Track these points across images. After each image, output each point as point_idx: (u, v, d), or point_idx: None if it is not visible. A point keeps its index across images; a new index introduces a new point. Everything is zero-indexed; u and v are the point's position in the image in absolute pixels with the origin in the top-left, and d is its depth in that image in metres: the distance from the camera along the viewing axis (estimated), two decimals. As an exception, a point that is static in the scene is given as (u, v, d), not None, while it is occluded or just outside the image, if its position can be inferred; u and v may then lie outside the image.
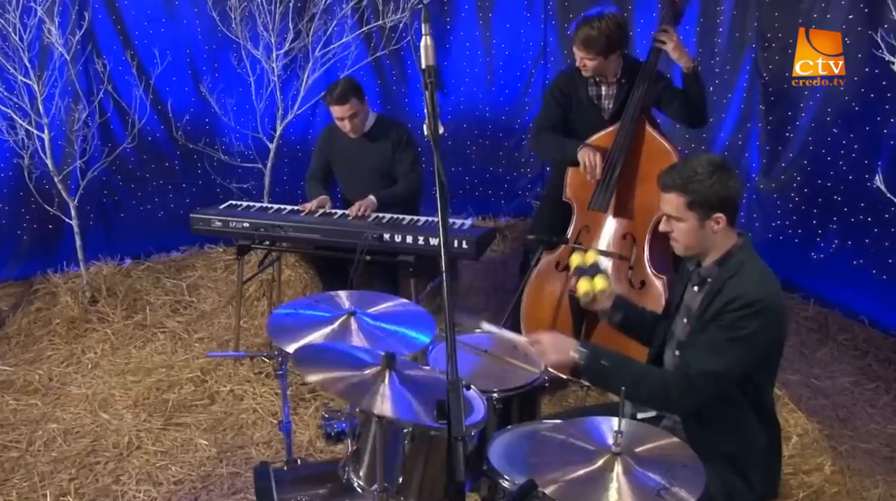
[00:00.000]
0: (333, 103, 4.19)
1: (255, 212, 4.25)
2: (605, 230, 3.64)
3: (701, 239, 2.45)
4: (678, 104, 3.77)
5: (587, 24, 3.65)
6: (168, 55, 5.14)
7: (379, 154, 4.36)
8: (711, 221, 2.40)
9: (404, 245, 3.83)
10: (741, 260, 2.41)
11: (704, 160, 2.42)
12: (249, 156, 5.28)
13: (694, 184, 2.37)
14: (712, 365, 2.32)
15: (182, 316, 4.89)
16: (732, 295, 2.32)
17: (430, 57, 1.90)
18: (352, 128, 4.29)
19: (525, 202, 6.25)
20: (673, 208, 2.44)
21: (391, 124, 4.47)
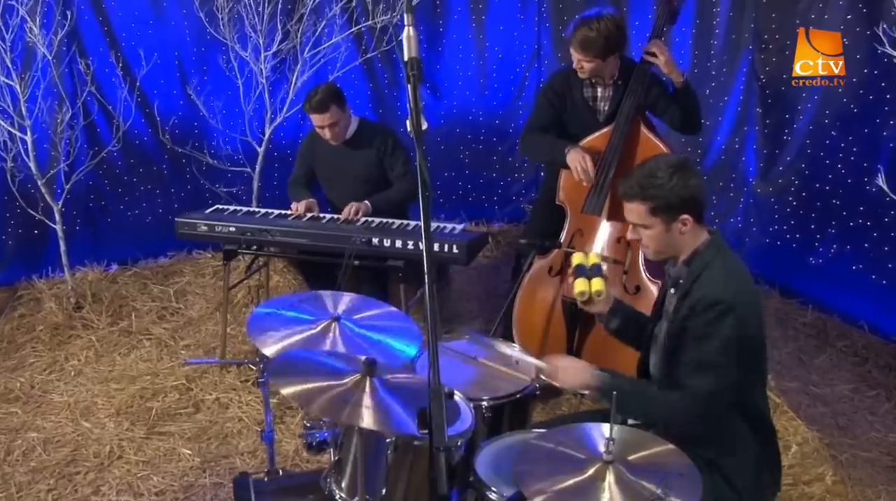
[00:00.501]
0: (312, 111, 4.11)
1: (241, 216, 4.16)
2: (599, 234, 3.56)
3: (670, 242, 2.41)
4: (672, 111, 3.69)
5: (585, 25, 3.56)
6: (156, 57, 5.05)
7: (362, 161, 4.28)
8: (678, 223, 2.36)
9: (393, 250, 3.74)
10: (707, 258, 2.37)
11: (662, 162, 2.37)
12: (238, 159, 5.19)
13: (654, 189, 2.33)
14: (706, 384, 2.27)
15: (168, 322, 4.79)
16: (696, 298, 2.30)
17: (413, 48, 1.82)
18: (332, 136, 4.21)
19: (519, 207, 6.15)
20: (637, 216, 2.40)
21: (374, 130, 4.39)
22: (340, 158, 4.30)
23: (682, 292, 2.37)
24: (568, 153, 3.57)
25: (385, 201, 4.20)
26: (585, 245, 3.57)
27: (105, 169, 5.21)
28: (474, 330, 3.03)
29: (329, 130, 4.16)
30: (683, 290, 2.37)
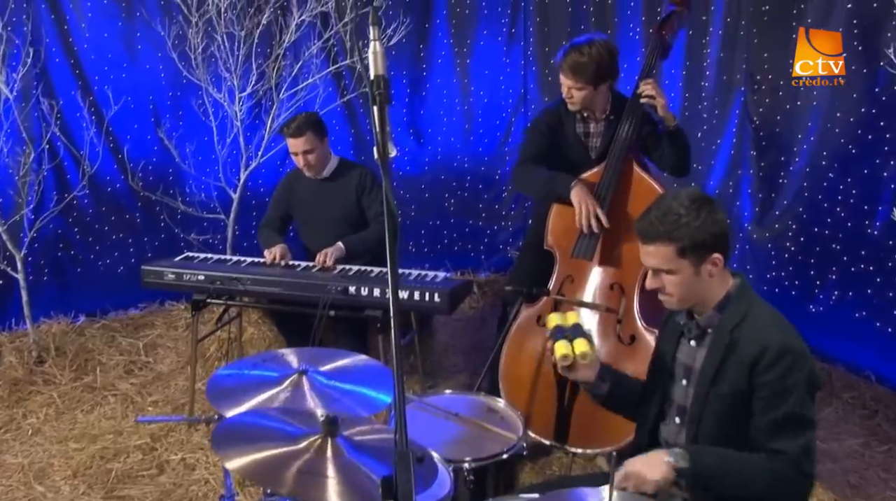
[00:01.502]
0: (288, 135, 3.97)
1: (211, 264, 3.94)
2: (591, 280, 3.33)
3: (698, 288, 2.13)
4: (663, 151, 3.52)
5: (576, 50, 3.39)
6: (129, 100, 4.89)
7: (341, 200, 4.09)
8: (708, 264, 2.09)
9: (371, 299, 3.51)
10: (744, 303, 2.10)
11: (683, 197, 2.10)
12: (212, 206, 4.97)
13: (681, 228, 2.05)
14: (802, 441, 2.01)
15: (136, 377, 4.53)
16: (757, 350, 2.00)
17: (380, 65, 1.62)
18: (306, 165, 4.04)
19: (506, 256, 5.95)
20: (661, 260, 2.11)
21: (353, 167, 4.22)
22: (318, 197, 4.13)
23: (721, 344, 2.11)
24: (574, 188, 3.35)
25: (360, 243, 4.00)
26: (576, 291, 3.35)
27: (75, 216, 5.00)
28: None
29: (303, 158, 4.00)
30: (722, 343, 2.10)
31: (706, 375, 2.13)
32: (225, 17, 4.32)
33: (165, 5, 4.73)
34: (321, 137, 4.03)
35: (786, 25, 4.44)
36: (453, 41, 5.60)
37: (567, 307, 3.30)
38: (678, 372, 2.25)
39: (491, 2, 5.53)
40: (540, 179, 3.51)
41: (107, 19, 4.82)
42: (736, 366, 2.06)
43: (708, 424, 2.13)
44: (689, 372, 2.21)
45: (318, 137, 4.00)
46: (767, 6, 4.52)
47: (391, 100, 1.62)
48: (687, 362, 2.22)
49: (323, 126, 4.07)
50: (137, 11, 4.80)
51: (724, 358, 2.08)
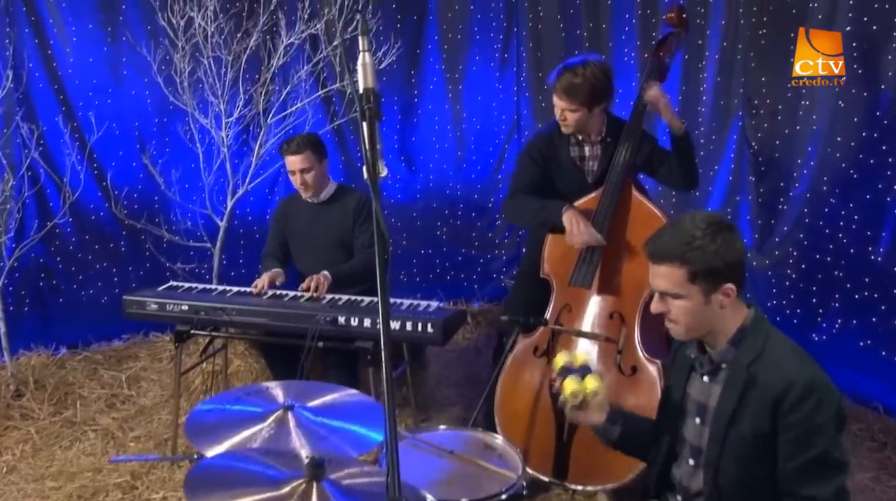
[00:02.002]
0: (288, 152, 3.91)
1: (196, 293, 3.79)
2: (589, 309, 3.21)
3: (707, 317, 1.99)
4: (669, 167, 3.41)
5: (569, 71, 3.29)
6: (114, 126, 4.79)
7: (337, 224, 3.99)
8: (719, 294, 1.96)
9: (362, 329, 3.37)
10: (761, 335, 1.97)
11: (699, 219, 1.98)
12: (198, 235, 4.84)
13: (695, 251, 1.93)
14: (836, 484, 1.89)
15: (118, 411, 4.36)
16: (780, 387, 1.87)
17: (370, 78, 1.51)
18: (302, 184, 3.95)
19: (500, 286, 5.82)
20: (670, 283, 1.98)
21: (352, 192, 4.12)
22: (313, 220, 4.04)
23: (737, 381, 1.98)
24: (565, 213, 3.23)
25: (346, 273, 3.87)
26: (574, 321, 3.22)
27: (57, 245, 4.87)
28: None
29: (300, 176, 3.93)
30: (740, 379, 1.97)
31: (723, 414, 1.99)
32: (212, 40, 4.22)
33: (152, 29, 4.64)
34: (320, 158, 3.97)
35: (783, 50, 4.37)
36: (445, 67, 5.52)
37: (566, 339, 3.17)
38: (690, 410, 2.12)
39: (483, 27, 5.46)
40: (531, 209, 3.40)
41: (92, 44, 4.74)
42: (757, 405, 1.92)
43: (728, 467, 2.00)
44: (703, 410, 2.07)
45: (316, 157, 3.94)
46: (764, 30, 4.45)
47: (381, 116, 1.50)
48: (700, 399, 2.09)
49: (323, 147, 4.02)
50: (123, 36, 4.71)
51: (743, 395, 1.95)
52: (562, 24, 5.32)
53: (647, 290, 3.06)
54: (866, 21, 4.04)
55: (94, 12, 4.70)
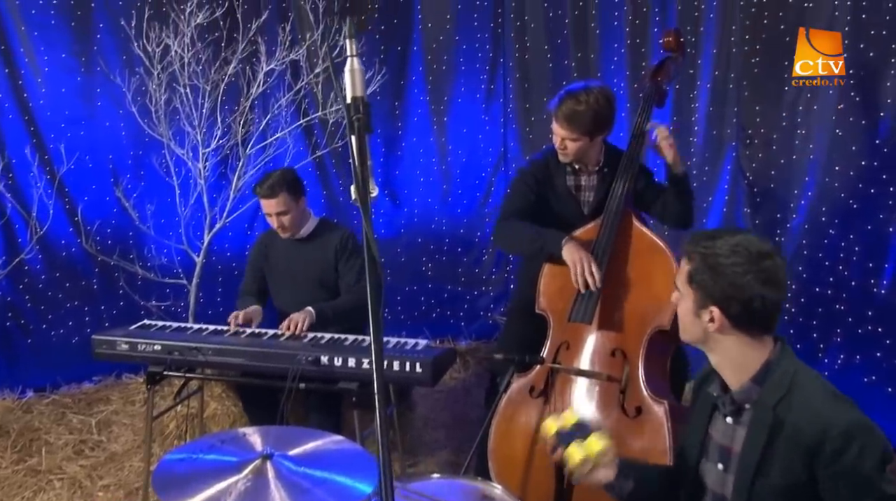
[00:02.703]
0: (261, 195, 3.69)
1: (170, 332, 3.58)
2: (589, 346, 3.01)
3: (696, 332, 1.89)
4: (664, 203, 3.27)
5: (572, 97, 3.12)
6: (87, 158, 4.62)
7: (317, 262, 3.79)
8: (706, 313, 1.83)
9: (346, 369, 3.17)
10: (787, 372, 1.80)
11: (741, 236, 1.84)
12: (174, 271, 4.63)
13: (708, 255, 1.81)
14: None
15: (87, 458, 4.12)
16: (816, 433, 1.69)
17: (358, 85, 1.34)
18: (280, 227, 3.76)
19: (487, 323, 5.63)
20: (679, 277, 1.92)
21: (334, 228, 3.93)
22: (293, 258, 3.83)
23: (762, 425, 1.81)
24: (566, 245, 3.05)
25: (331, 310, 3.67)
26: (573, 359, 3.03)
27: (25, 282, 4.66)
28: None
29: (276, 219, 3.73)
30: (764, 423, 1.80)
31: (748, 462, 1.81)
32: (189, 69, 4.06)
33: (127, 58, 4.47)
34: (297, 197, 3.75)
35: (777, 78, 4.29)
36: (430, 98, 5.39)
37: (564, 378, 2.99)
38: (713, 454, 1.94)
39: (469, 58, 5.34)
40: (526, 235, 3.21)
41: (65, 73, 4.58)
42: (787, 452, 1.74)
43: None
44: (727, 455, 1.89)
45: (293, 198, 3.72)
46: (757, 58, 4.36)
47: (372, 128, 1.33)
48: (723, 443, 1.91)
49: (299, 184, 3.79)
50: (97, 65, 4.55)
51: (770, 441, 1.77)
52: (549, 55, 5.22)
53: (651, 325, 2.89)
54: (863, 48, 3.96)
55: (67, 41, 4.55)
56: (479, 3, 5.28)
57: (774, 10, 4.25)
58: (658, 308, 2.89)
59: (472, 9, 5.28)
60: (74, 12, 4.54)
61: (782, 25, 4.23)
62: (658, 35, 4.73)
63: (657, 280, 2.93)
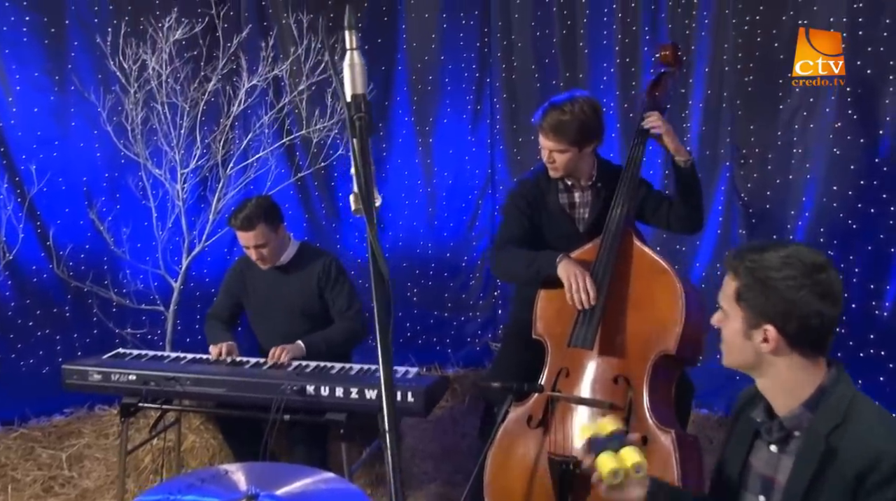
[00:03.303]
0: (237, 228, 3.49)
1: (145, 361, 3.40)
2: (590, 372, 2.86)
3: (746, 355, 1.74)
4: (668, 209, 3.15)
5: (556, 108, 3.00)
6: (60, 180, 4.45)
7: (298, 290, 3.62)
8: (758, 333, 1.68)
9: (333, 400, 3.00)
10: (843, 399, 1.65)
11: (792, 247, 1.71)
12: (151, 297, 4.44)
13: (756, 269, 1.67)
14: None
15: (57, 496, 3.90)
16: (866, 460, 1.55)
17: (359, 83, 1.20)
18: (259, 259, 3.57)
19: (475, 350, 5.47)
20: (723, 295, 1.77)
21: (315, 254, 3.75)
22: (273, 287, 3.63)
23: (812, 454, 1.66)
24: (560, 263, 2.91)
25: (323, 342, 3.50)
26: (573, 386, 2.87)
27: (-5, 312, 4.45)
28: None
29: (255, 252, 3.53)
30: (815, 452, 1.66)
31: (794, 493, 1.66)
32: (167, 86, 3.90)
33: (102, 77, 4.31)
34: (275, 226, 3.56)
35: (772, 97, 4.20)
36: (415, 119, 5.26)
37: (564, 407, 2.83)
38: (752, 485, 1.79)
39: (455, 78, 5.22)
40: (522, 261, 3.06)
41: (37, 93, 4.41)
42: (836, 483, 1.60)
43: None
44: (769, 486, 1.74)
45: (271, 228, 3.53)
46: (751, 76, 4.27)
47: (373, 130, 1.18)
48: (766, 473, 1.76)
49: (277, 212, 3.60)
50: (71, 85, 4.38)
51: (820, 471, 1.63)
52: (537, 74, 5.11)
53: (655, 350, 2.74)
54: (860, 65, 3.89)
55: (40, 60, 4.38)
56: (465, 22, 5.18)
57: (768, 27, 4.18)
58: (662, 331, 2.75)
59: (457, 28, 5.17)
60: (48, 30, 4.38)
61: (776, 43, 4.16)
62: (649, 54, 4.64)
63: (661, 302, 2.79)
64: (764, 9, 4.20)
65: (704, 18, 4.45)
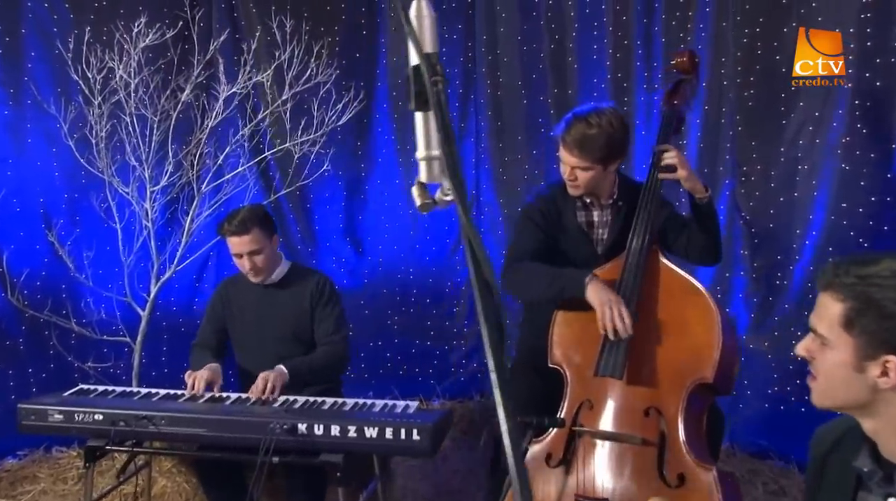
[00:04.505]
0: (230, 233, 3.23)
1: (113, 399, 3.06)
2: (618, 404, 2.58)
3: (854, 393, 1.46)
4: (689, 236, 2.90)
5: (582, 120, 2.75)
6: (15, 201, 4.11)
7: (292, 311, 3.34)
8: (876, 365, 1.42)
9: (329, 439, 2.69)
10: None
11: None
12: (115, 328, 4.08)
13: (870, 289, 1.40)
14: None
15: (10, 549, 3.53)
16: None
17: (430, 39, 0.93)
18: (252, 269, 3.28)
19: (460, 380, 5.18)
20: (822, 319, 1.47)
21: (308, 273, 3.49)
22: (263, 307, 3.37)
23: None
24: (590, 285, 2.63)
25: (307, 368, 3.21)
26: (597, 420, 2.59)
27: (-61, 345, 4.06)
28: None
29: (248, 260, 3.26)
30: None
31: None
32: (136, 96, 3.58)
33: (63, 89, 3.98)
34: (270, 234, 3.33)
35: (774, 111, 4.04)
36: (396, 137, 5.00)
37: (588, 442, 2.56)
38: None
39: (438, 94, 4.97)
40: (543, 277, 2.77)
41: (-10, 107, 4.06)
42: None
43: None
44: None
45: (265, 234, 3.29)
46: (752, 90, 4.10)
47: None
48: None
49: (271, 221, 3.38)
50: (28, 97, 4.05)
51: None
52: (524, 91, 4.89)
53: (690, 379, 2.49)
54: (868, 77, 3.74)
55: (-8, 70, 4.05)
56: (447, 35, 4.94)
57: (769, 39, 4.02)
58: (697, 358, 2.51)
59: (440, 42, 4.89)
60: (2, 39, 4.06)
61: (778, 56, 4.00)
62: (642, 69, 4.47)
63: (694, 325, 2.55)
64: (764, 20, 4.05)
65: (701, 31, 4.28)
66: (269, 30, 3.85)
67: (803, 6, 3.91)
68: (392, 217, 5.06)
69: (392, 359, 5.14)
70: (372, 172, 5.01)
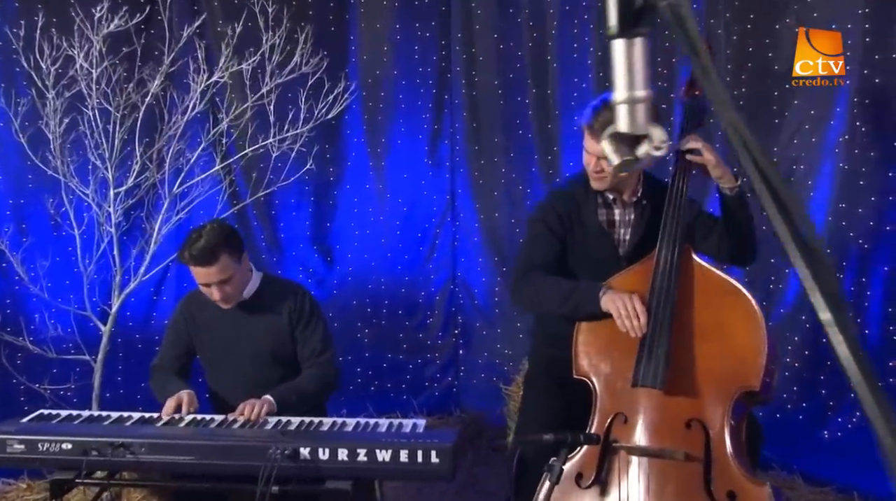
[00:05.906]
0: (195, 264, 2.80)
1: (80, 424, 2.71)
2: (655, 417, 2.36)
3: None
4: (718, 236, 2.70)
5: (611, 107, 2.53)
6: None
7: (269, 329, 2.99)
8: None
9: (335, 464, 2.40)
10: None
11: None
12: (67, 346, 3.71)
13: None
14: None
15: None
16: None
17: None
18: (223, 298, 2.90)
19: (435, 396, 4.94)
20: None
21: (283, 287, 3.13)
22: (235, 327, 2.97)
23: None
24: (603, 296, 2.43)
25: (295, 395, 2.88)
26: (631, 435, 2.37)
27: None
28: None
29: (218, 290, 2.85)
30: None
31: None
32: (97, 89, 3.25)
33: (7, 84, 3.62)
34: (238, 256, 2.90)
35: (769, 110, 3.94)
36: (366, 139, 4.76)
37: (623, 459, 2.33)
38: None
39: (410, 94, 4.74)
40: (556, 294, 2.56)
41: (-75, 103, 3.67)
42: None
43: None
44: None
45: (234, 258, 2.86)
46: (744, 89, 4.03)
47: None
48: None
49: (239, 239, 2.95)
50: (-30, 91, 3.68)
51: None
52: (501, 90, 4.71)
53: (735, 386, 2.30)
54: (867, 74, 3.66)
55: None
56: (420, 33, 4.72)
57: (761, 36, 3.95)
58: (741, 364, 2.31)
59: (412, 39, 4.71)
60: (-60, 27, 3.69)
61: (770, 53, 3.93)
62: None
63: (736, 329, 2.35)
64: (756, 18, 3.95)
65: (694, 33, 4.16)
66: (253, 16, 3.53)
67: (797, 3, 3.82)
68: (362, 223, 4.82)
69: (363, 375, 4.89)
70: (341, 176, 4.77)
